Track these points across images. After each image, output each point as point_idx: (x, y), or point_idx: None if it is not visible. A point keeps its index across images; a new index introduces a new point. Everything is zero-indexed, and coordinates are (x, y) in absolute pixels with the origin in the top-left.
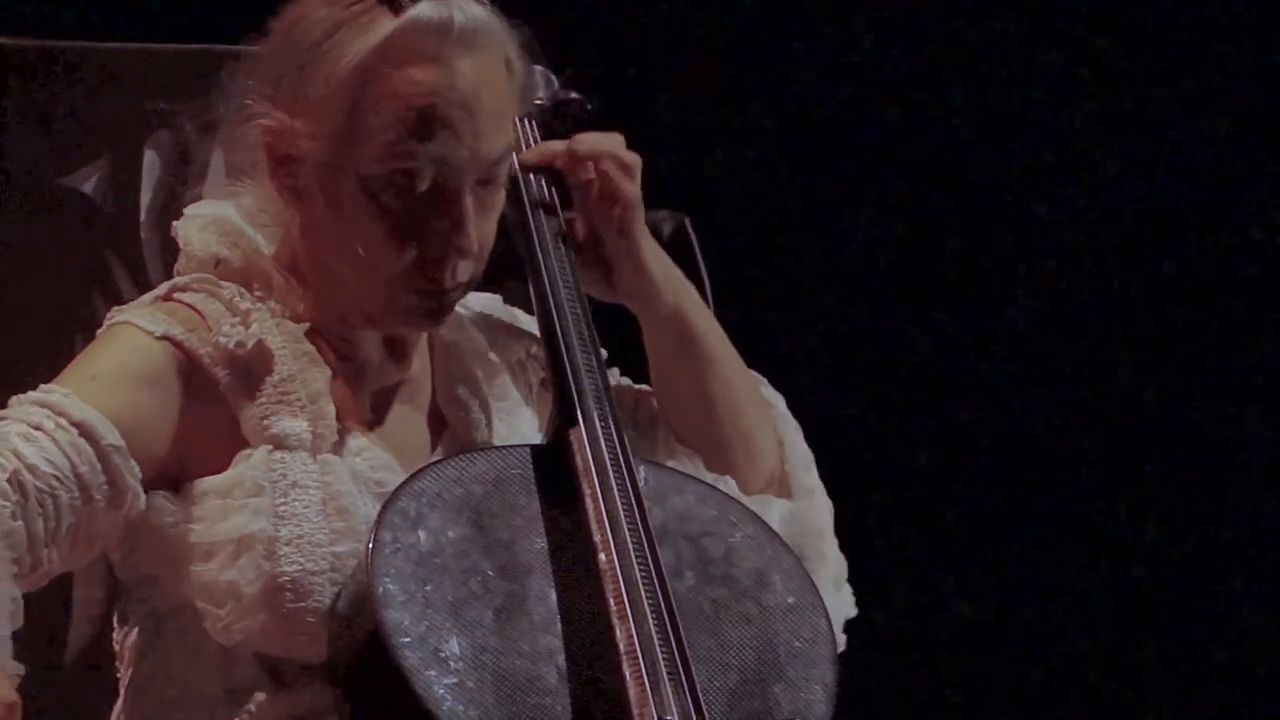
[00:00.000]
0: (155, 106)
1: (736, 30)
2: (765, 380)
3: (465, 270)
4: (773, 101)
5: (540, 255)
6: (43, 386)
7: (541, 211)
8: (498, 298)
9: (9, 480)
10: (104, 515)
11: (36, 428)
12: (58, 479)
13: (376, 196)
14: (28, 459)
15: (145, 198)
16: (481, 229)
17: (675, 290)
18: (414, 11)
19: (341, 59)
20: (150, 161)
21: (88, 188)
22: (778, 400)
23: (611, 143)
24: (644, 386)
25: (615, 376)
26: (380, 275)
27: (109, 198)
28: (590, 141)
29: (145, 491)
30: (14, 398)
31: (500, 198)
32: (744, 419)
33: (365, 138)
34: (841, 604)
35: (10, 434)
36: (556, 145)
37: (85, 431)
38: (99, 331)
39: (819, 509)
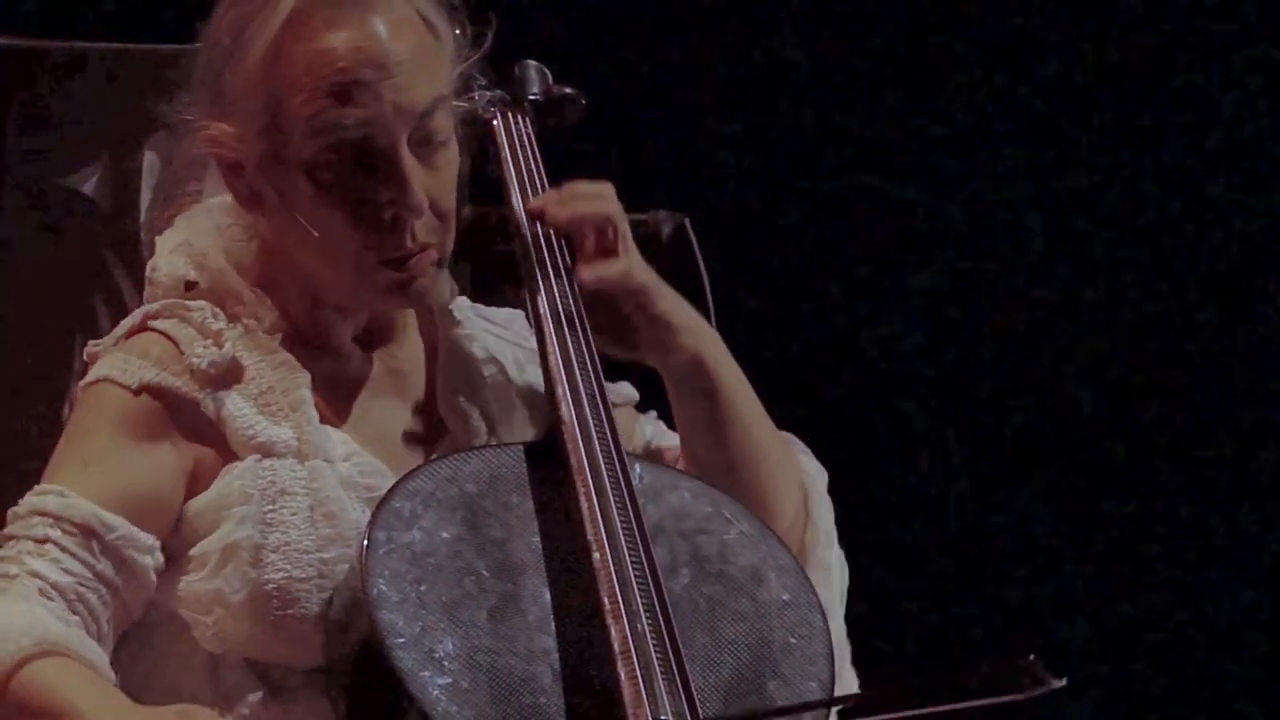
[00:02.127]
0: (155, 106)
1: (737, 29)
2: (803, 446)
3: (427, 232)
4: (773, 101)
5: (539, 276)
6: (37, 488)
7: (543, 248)
8: (519, 314)
9: (40, 596)
10: (132, 596)
11: (44, 541)
12: (81, 585)
13: (316, 177)
14: (49, 577)
15: (145, 198)
16: (434, 187)
17: (697, 340)
18: None
19: (250, 53)
20: (150, 161)
21: (88, 188)
22: (818, 477)
23: (587, 203)
24: (670, 444)
25: (653, 421)
26: (342, 256)
27: (109, 198)
28: (567, 212)
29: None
30: (11, 510)
31: (450, 155)
32: (763, 477)
33: (289, 122)
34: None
35: (22, 555)
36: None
37: (90, 531)
38: (80, 385)
39: (831, 585)
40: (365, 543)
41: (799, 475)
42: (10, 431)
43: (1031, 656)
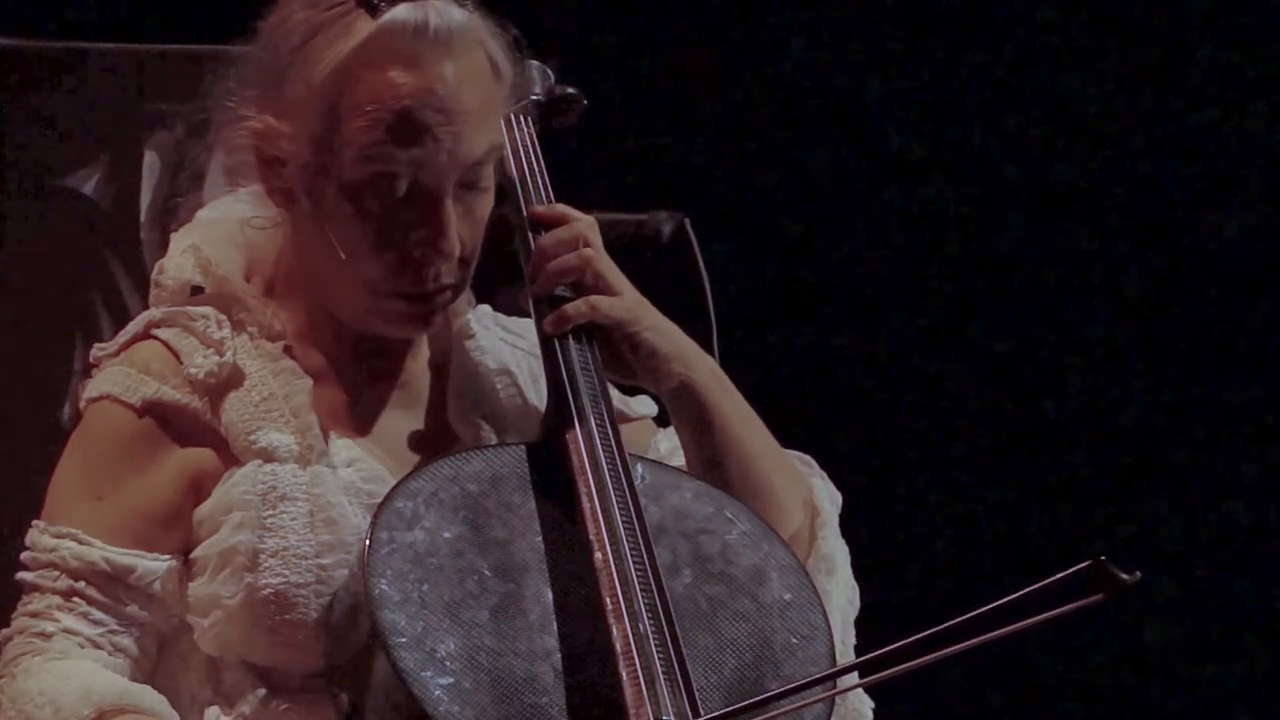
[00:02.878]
0: (155, 107)
1: (738, 28)
2: (819, 470)
3: (449, 273)
4: (774, 100)
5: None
6: (52, 527)
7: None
8: (530, 323)
9: (79, 649)
10: (163, 619)
11: (70, 594)
12: (113, 633)
13: (357, 199)
14: (83, 632)
15: (145, 198)
16: (466, 232)
17: (686, 367)
18: (390, 14)
19: (320, 62)
20: (150, 161)
21: (88, 188)
22: (830, 502)
23: (570, 260)
24: (682, 462)
25: (670, 437)
26: (361, 278)
27: (109, 198)
28: (551, 270)
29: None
30: (26, 555)
31: (488, 200)
32: (762, 499)
33: (344, 141)
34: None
35: (52, 610)
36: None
37: (111, 577)
38: (84, 399)
39: (829, 613)
40: (367, 542)
41: (805, 496)
42: (10, 430)
43: (1102, 557)
